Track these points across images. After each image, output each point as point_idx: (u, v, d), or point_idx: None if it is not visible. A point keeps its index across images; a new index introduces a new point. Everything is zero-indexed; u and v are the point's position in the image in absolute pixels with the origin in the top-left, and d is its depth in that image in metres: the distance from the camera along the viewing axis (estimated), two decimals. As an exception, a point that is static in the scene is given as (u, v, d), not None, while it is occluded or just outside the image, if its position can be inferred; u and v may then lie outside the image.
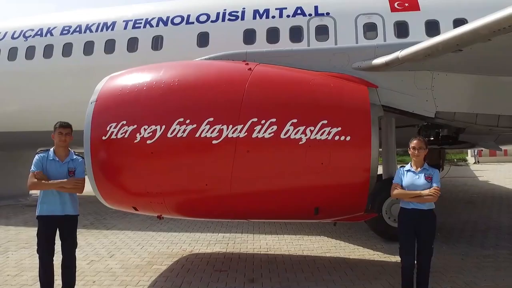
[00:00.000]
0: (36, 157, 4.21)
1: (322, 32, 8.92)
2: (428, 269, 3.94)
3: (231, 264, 5.57)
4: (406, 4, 8.93)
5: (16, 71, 10.49)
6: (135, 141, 4.33)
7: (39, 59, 10.34)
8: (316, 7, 9.16)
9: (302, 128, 4.15)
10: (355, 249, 6.23)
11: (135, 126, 4.35)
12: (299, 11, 9.19)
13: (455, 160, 23.53)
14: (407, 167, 4.01)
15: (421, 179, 3.88)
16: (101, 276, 5.14)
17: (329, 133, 4.16)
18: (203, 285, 4.74)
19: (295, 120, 4.17)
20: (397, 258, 5.52)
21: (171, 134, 4.22)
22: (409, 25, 8.72)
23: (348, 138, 4.17)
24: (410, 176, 3.93)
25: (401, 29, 8.72)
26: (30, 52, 10.44)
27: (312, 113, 4.26)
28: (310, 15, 9.08)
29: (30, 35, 10.63)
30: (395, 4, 8.94)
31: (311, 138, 4.13)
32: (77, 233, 4.32)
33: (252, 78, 4.53)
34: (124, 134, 4.38)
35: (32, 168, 4.13)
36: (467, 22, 8.41)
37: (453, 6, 8.70)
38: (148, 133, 4.29)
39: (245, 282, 4.82)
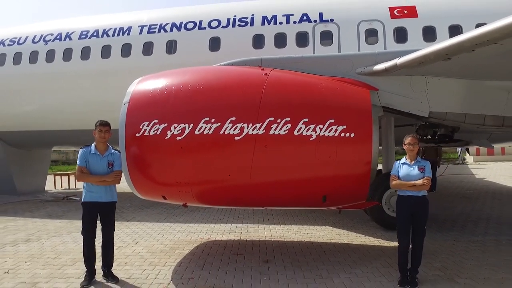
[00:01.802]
0: (80, 151, 4.85)
1: (326, 37, 9.55)
2: (421, 248, 4.57)
3: (246, 249, 6.19)
4: (405, 11, 9.54)
5: (37, 73, 11.13)
6: (166, 138, 4.95)
7: (59, 62, 10.96)
8: (321, 14, 9.78)
9: (312, 126, 4.77)
10: (357, 236, 6.86)
11: (166, 124, 4.97)
12: (305, 18, 9.81)
13: (460, 158, 24.13)
14: (403, 160, 4.64)
15: (415, 170, 4.50)
16: (131, 259, 5.77)
17: (336, 130, 4.78)
18: (223, 265, 5.36)
19: (306, 119, 4.79)
20: (396, 243, 6.15)
21: (198, 131, 4.85)
22: (407, 31, 9.34)
23: (352, 135, 4.80)
24: (405, 168, 4.55)
25: (400, 35, 9.34)
26: (50, 56, 11.07)
27: (321, 113, 4.88)
28: (315, 21, 9.70)
29: (50, 39, 11.26)
30: (395, 11, 9.55)
31: (320, 134, 4.76)
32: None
33: (268, 82, 5.16)
34: (156, 131, 5.00)
35: (78, 162, 4.77)
36: (461, 28, 9.09)
37: (449, 14, 9.31)
38: (178, 130, 4.91)
39: (261, 263, 5.44)
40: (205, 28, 10.20)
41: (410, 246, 4.59)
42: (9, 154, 12.68)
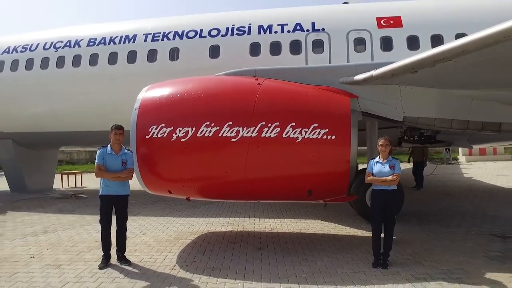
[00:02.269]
0: (98, 151, 5.59)
1: (318, 45, 10.26)
2: (392, 235, 5.29)
3: (242, 239, 6.93)
4: (391, 22, 10.27)
5: (48, 78, 11.84)
6: (172, 139, 5.70)
7: (69, 68, 11.69)
8: (313, 24, 10.49)
9: (299, 130, 5.51)
10: (343, 228, 7.60)
11: (172, 127, 5.71)
12: (298, 27, 10.53)
13: (449, 158, 24.84)
14: (376, 159, 5.37)
15: (386, 168, 5.23)
16: (140, 247, 6.50)
17: (319, 133, 5.53)
18: (222, 252, 6.09)
19: (293, 124, 5.53)
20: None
21: (200, 134, 5.59)
22: (393, 39, 10.05)
23: (333, 137, 5.54)
24: (378, 166, 5.29)
25: (386, 43, 10.06)
26: (60, 62, 11.79)
27: (306, 118, 5.62)
28: (307, 30, 10.42)
29: (60, 46, 11.98)
30: (382, 22, 10.27)
31: (305, 137, 5.50)
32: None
33: (261, 91, 5.90)
34: (163, 134, 5.74)
35: (96, 161, 5.52)
36: (442, 38, 9.84)
37: (431, 24, 10.02)
38: (182, 133, 5.66)
39: (254, 250, 6.18)
40: (205, 36, 10.90)
41: (383, 234, 5.33)
42: (20, 154, 13.40)
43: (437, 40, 9.75)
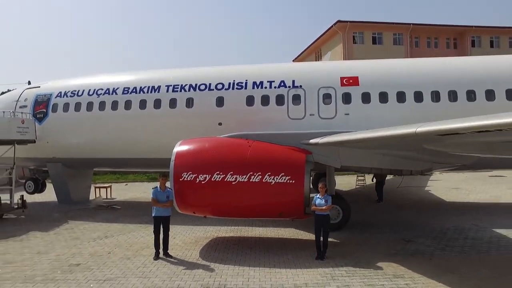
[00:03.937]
0: (152, 190, 9.31)
1: (296, 98, 13.83)
2: (327, 239, 8.92)
3: (239, 241, 10.61)
4: (351, 81, 13.79)
5: (92, 118, 15.49)
6: (196, 182, 9.39)
7: (108, 111, 15.33)
8: (293, 81, 14.06)
9: (273, 176, 9.20)
10: (308, 235, 11.19)
11: (196, 174, 9.41)
12: (282, 84, 14.07)
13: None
14: (318, 195, 9.02)
15: (322, 201, 8.88)
16: (174, 246, 10.13)
17: (285, 179, 9.21)
18: (226, 249, 9.75)
19: (269, 173, 9.22)
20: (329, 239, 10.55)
21: (213, 179, 9.28)
22: (351, 95, 13.59)
23: (293, 181, 9.21)
24: (318, 200, 8.94)
25: (347, 98, 13.57)
26: (102, 106, 15.44)
27: (277, 169, 9.30)
28: (289, 86, 13.97)
29: (101, 93, 15.64)
30: (344, 81, 13.81)
31: (277, 181, 9.19)
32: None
33: (250, 150, 9.60)
34: (190, 178, 9.44)
35: (152, 195, 9.23)
36: (387, 94, 13.44)
37: (379, 83, 13.57)
38: (202, 178, 9.35)
39: (246, 248, 9.85)
40: (213, 89, 14.44)
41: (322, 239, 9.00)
42: (67, 173, 17.11)
43: (383, 95, 13.36)
